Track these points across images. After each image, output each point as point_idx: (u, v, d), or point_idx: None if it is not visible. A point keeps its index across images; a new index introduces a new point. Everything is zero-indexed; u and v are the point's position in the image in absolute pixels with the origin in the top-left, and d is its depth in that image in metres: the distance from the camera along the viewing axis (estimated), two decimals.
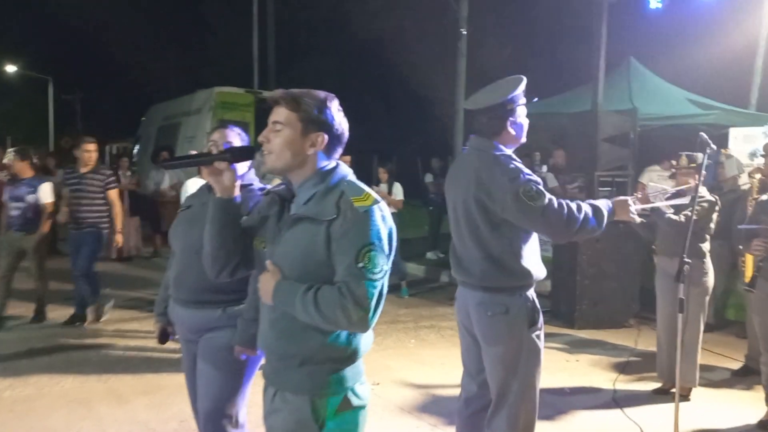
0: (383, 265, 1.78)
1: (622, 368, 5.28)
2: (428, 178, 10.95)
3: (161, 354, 5.20)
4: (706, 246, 4.50)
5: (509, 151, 2.80)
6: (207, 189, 2.81)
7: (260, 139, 1.91)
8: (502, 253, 2.72)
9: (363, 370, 1.95)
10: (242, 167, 2.79)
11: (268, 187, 2.79)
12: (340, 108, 1.94)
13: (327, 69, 19.00)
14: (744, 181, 6.20)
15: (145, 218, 10.11)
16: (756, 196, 5.01)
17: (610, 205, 2.77)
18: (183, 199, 5.35)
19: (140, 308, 6.78)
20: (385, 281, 1.81)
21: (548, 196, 2.64)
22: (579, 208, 2.66)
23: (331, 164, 1.92)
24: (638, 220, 2.82)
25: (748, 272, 5.04)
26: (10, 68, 30.96)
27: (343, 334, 1.85)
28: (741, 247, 4.82)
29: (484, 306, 2.75)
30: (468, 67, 13.68)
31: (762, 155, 5.44)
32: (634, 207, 3.88)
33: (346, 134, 1.96)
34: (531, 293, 2.80)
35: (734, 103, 9.86)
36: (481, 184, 2.71)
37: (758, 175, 5.50)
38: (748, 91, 11.59)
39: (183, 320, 2.79)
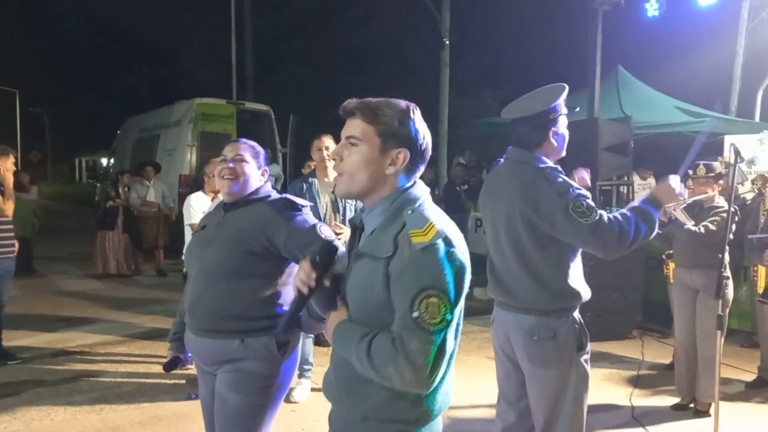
0: (444, 314, 1.49)
1: (634, 382, 5.16)
2: None
3: (155, 380, 4.94)
4: (726, 257, 4.39)
5: (552, 164, 2.63)
6: (222, 208, 2.61)
7: (332, 155, 1.67)
8: (550, 274, 2.54)
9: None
10: (257, 179, 2.58)
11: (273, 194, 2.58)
12: (422, 120, 1.71)
13: (306, 79, 18.77)
14: (746, 189, 6.15)
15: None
16: None
17: (653, 196, 2.55)
18: (186, 216, 5.10)
19: (125, 331, 6.45)
20: (450, 334, 1.53)
21: (599, 211, 2.46)
22: (628, 220, 2.46)
23: (409, 183, 1.68)
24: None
25: (761, 283, 4.96)
26: None
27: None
28: (752, 257, 4.75)
29: (530, 330, 2.57)
30: (451, 76, 13.66)
31: None
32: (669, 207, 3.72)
33: (430, 149, 1.73)
34: (577, 315, 2.63)
35: (713, 109, 9.91)
36: (527, 199, 2.53)
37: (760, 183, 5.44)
38: (728, 97, 11.79)
39: (198, 350, 2.57)
